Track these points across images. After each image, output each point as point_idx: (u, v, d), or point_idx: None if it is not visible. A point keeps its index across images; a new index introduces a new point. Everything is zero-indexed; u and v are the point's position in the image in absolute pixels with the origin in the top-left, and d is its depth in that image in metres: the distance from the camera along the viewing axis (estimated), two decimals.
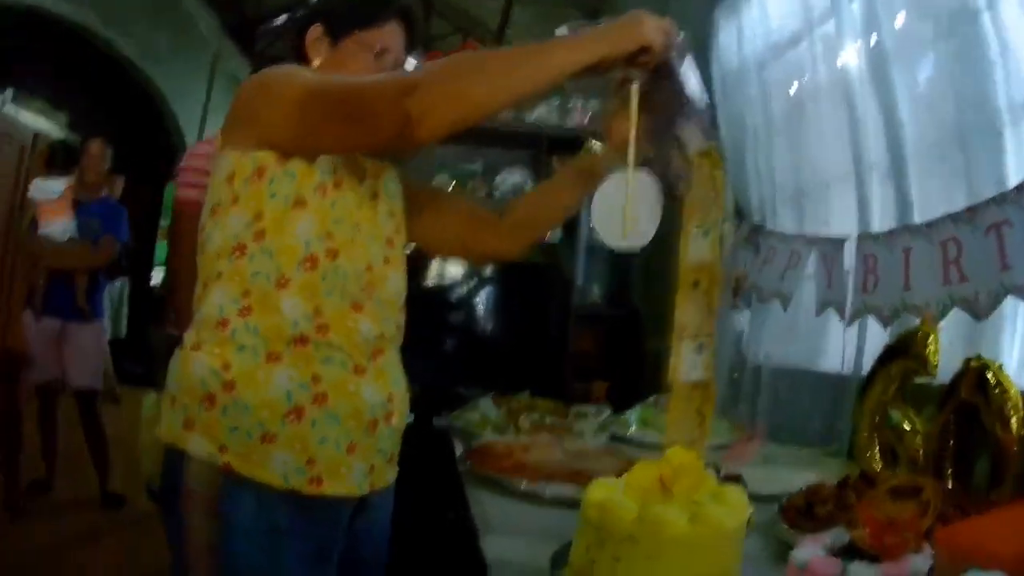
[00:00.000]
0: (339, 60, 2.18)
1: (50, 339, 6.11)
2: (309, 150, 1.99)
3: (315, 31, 2.23)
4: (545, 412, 3.45)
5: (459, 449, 2.92)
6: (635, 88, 1.97)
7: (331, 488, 1.95)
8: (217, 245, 2.00)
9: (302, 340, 1.94)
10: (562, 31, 1.96)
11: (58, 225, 6.09)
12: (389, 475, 2.16)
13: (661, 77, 1.94)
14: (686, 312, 1.97)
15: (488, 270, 5.93)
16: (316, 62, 2.21)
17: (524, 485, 2.29)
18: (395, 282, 2.16)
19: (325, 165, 2.02)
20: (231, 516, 1.89)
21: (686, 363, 1.95)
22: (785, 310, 3.42)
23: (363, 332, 2.02)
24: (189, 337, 2.00)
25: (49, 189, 6.18)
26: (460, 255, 2.39)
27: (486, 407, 3.45)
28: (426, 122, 1.78)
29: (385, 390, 2.06)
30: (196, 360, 1.94)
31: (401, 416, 2.13)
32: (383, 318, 2.08)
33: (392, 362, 2.13)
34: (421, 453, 2.41)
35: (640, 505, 1.52)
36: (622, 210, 2.00)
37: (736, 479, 2.09)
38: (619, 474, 1.70)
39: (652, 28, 1.86)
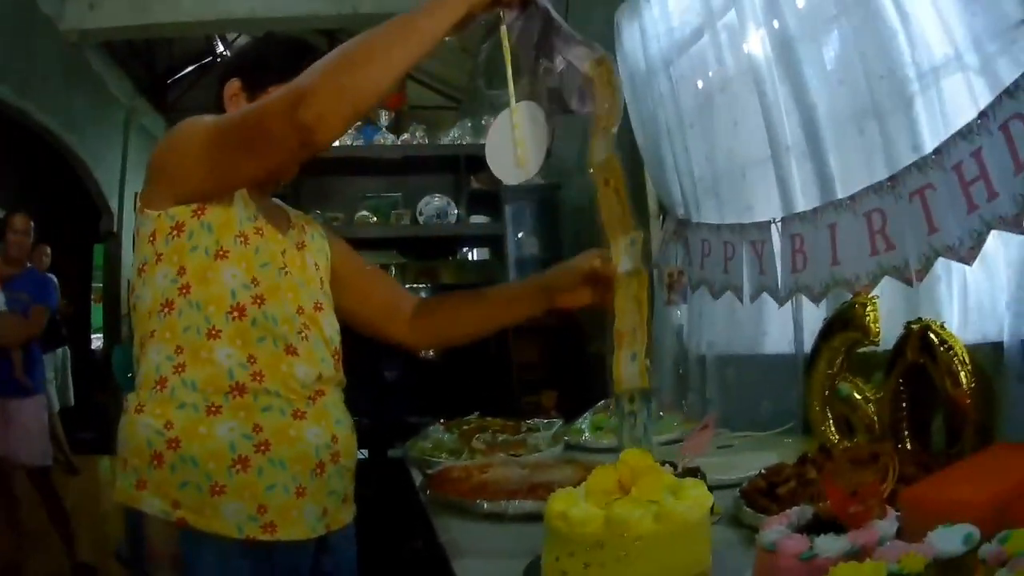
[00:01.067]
0: None
1: None
2: (223, 187, 2.01)
3: (232, 86, 2.24)
4: (497, 430, 3.44)
5: (417, 478, 2.90)
6: (504, 28, 2.04)
7: (285, 533, 1.96)
8: (147, 304, 2.01)
9: (240, 389, 1.96)
10: None
11: None
12: (345, 515, 2.17)
13: (528, 7, 2.03)
14: (610, 211, 2.07)
15: (423, 294, 5.94)
16: None
17: (487, 506, 2.28)
18: (329, 324, 2.19)
19: (245, 214, 2.05)
20: (194, 569, 1.91)
21: (622, 257, 2.06)
22: (742, 301, 3.41)
23: (299, 376, 2.03)
24: (132, 399, 2.02)
25: None
26: (366, 334, 2.42)
27: (437, 433, 3.44)
28: (322, 126, 1.81)
29: (328, 432, 2.07)
30: (140, 422, 1.95)
31: (349, 455, 2.14)
32: (319, 359, 2.10)
33: (333, 402, 2.14)
34: (380, 486, 2.41)
35: (603, 510, 1.52)
36: (510, 144, 2.07)
37: (694, 472, 2.10)
38: (579, 482, 1.71)
39: None
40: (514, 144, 2.06)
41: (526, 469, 2.63)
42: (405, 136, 5.88)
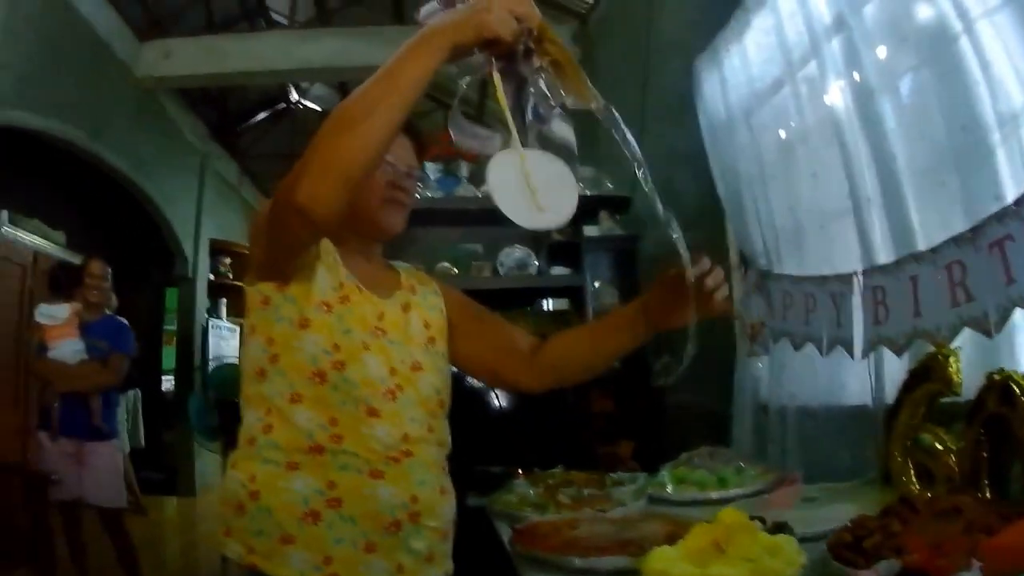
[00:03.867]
0: None
1: (68, 460, 6.09)
2: (279, 267, 2.13)
3: None
4: (582, 484, 3.46)
5: (504, 533, 2.92)
6: (496, 74, 1.96)
7: None
8: (246, 372, 2.18)
9: (318, 449, 2.07)
10: (430, 7, 1.98)
11: (67, 347, 6.15)
12: (429, 573, 2.21)
13: (514, 64, 1.96)
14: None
15: None
16: None
17: (578, 562, 2.28)
18: (427, 384, 2.26)
19: (328, 283, 2.16)
20: None
21: None
22: (823, 354, 3.38)
23: (379, 437, 2.11)
24: (231, 457, 2.19)
25: (54, 313, 6.23)
26: (487, 381, 2.49)
27: (522, 487, 3.46)
28: (316, 205, 1.82)
29: (407, 492, 2.13)
30: (231, 476, 2.12)
31: (431, 515, 2.19)
32: (407, 419, 2.17)
33: (422, 463, 2.19)
34: (460, 536, 2.43)
35: (700, 569, 1.55)
36: (523, 187, 1.98)
37: (783, 527, 2.12)
38: (667, 537, 1.75)
39: (497, 19, 1.85)
40: (530, 191, 1.98)
41: (614, 524, 2.63)
42: (485, 187, 5.90)
